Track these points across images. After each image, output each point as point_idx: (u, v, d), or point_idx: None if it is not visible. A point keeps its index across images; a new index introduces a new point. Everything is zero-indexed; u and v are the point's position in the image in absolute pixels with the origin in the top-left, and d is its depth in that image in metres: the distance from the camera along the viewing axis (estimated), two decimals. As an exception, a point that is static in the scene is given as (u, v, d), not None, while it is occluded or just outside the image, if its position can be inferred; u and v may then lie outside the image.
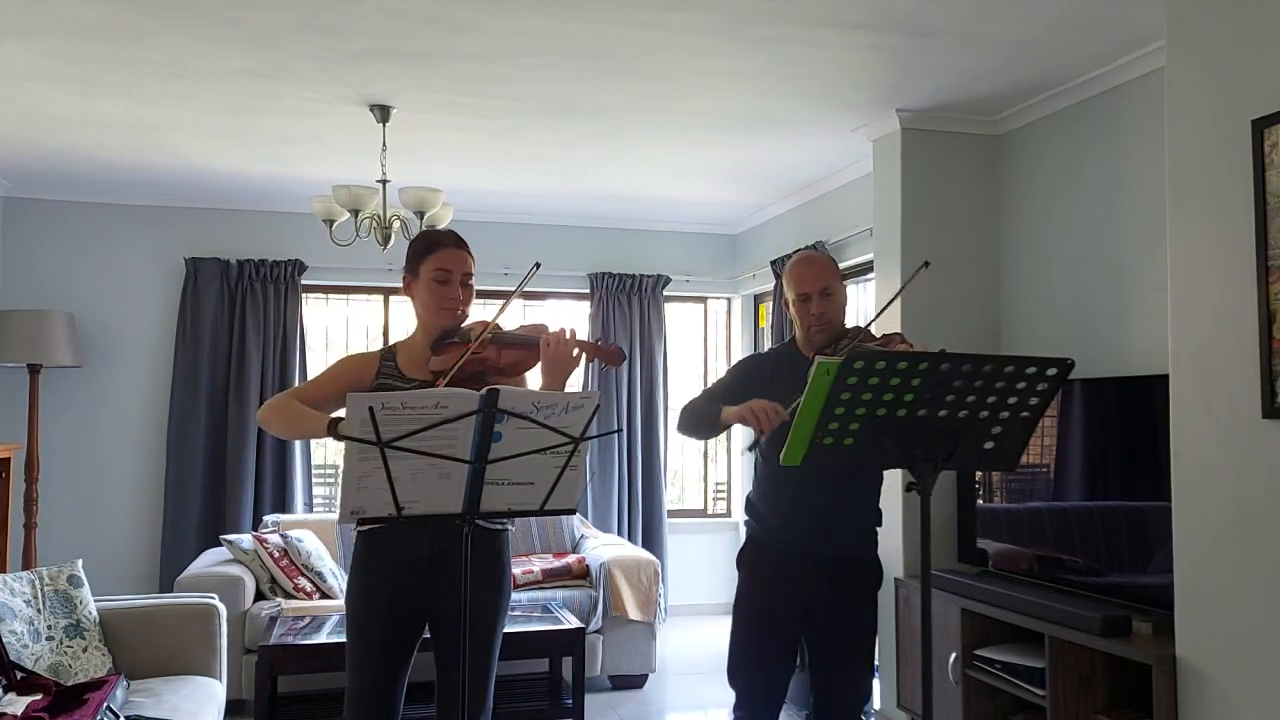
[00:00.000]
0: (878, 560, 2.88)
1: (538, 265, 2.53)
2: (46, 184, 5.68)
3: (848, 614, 2.78)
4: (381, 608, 2.48)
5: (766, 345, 6.48)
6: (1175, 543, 2.92)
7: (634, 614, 4.93)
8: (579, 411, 2.16)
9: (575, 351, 2.45)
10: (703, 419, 2.78)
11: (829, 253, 5.26)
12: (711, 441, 7.15)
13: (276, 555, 4.82)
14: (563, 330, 2.45)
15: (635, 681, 5.07)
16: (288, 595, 4.75)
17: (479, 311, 2.56)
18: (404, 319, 6.50)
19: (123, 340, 5.97)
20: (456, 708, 2.49)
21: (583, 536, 5.67)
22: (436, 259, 2.52)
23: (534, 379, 2.56)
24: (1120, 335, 3.73)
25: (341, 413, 2.07)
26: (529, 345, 2.47)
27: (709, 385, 2.99)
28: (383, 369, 2.56)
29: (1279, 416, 2.59)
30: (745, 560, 2.88)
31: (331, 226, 4.62)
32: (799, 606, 2.77)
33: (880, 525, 2.88)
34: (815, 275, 2.77)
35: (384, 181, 4.47)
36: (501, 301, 2.52)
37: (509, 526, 2.62)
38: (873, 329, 2.82)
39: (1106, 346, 3.77)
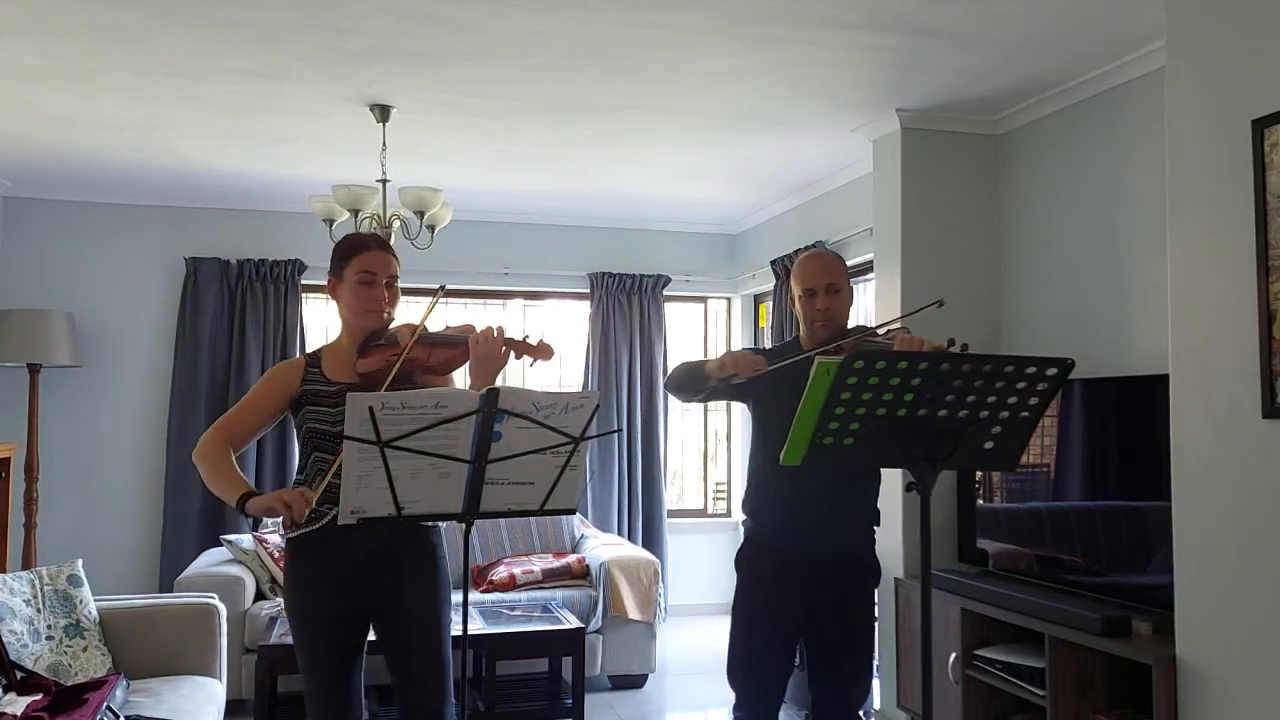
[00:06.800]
0: (875, 560, 2.88)
1: (442, 287, 2.62)
2: (46, 184, 5.68)
3: (845, 613, 2.78)
4: (322, 611, 2.47)
5: (767, 345, 6.48)
6: (1175, 543, 2.92)
7: (634, 614, 4.92)
8: (579, 411, 2.17)
9: (503, 349, 2.47)
10: (688, 372, 2.81)
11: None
12: (711, 441, 7.16)
13: (276, 555, 4.82)
14: (490, 328, 2.48)
15: (635, 681, 5.07)
16: (288, 595, 4.75)
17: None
18: (405, 319, 6.48)
19: (123, 340, 5.97)
20: (416, 704, 2.48)
21: (583, 536, 5.66)
22: (360, 261, 2.51)
23: (461, 379, 2.58)
24: (1120, 335, 3.73)
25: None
26: (457, 344, 2.49)
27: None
28: (307, 375, 2.52)
29: (1279, 416, 2.59)
30: (743, 561, 2.88)
31: (331, 226, 4.62)
32: (797, 607, 2.77)
33: (878, 525, 2.88)
34: (822, 271, 2.79)
35: (384, 181, 4.47)
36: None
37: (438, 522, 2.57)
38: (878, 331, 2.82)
39: (1106, 346, 3.77)
